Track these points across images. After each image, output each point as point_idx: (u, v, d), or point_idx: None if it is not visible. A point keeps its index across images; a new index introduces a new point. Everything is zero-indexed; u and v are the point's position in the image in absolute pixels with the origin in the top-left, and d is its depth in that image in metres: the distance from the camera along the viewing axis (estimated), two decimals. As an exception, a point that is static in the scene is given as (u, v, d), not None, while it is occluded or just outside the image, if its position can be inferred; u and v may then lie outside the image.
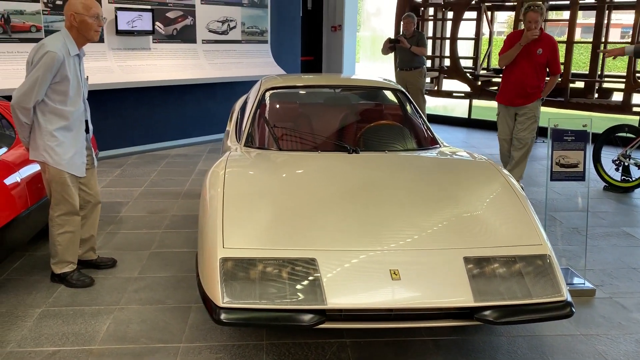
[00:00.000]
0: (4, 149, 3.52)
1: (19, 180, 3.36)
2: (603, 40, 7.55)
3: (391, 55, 7.86)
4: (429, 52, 9.29)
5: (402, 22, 7.75)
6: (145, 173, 6.07)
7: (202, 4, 7.39)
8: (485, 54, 9.04)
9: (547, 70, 5.26)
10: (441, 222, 2.80)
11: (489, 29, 8.88)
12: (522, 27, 5.20)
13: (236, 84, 7.73)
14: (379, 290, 2.42)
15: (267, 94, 4.21)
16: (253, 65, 7.91)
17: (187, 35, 7.31)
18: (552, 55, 5.18)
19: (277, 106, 4.28)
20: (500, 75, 9.07)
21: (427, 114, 8.23)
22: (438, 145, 3.86)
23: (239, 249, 2.52)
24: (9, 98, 3.83)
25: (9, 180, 3.28)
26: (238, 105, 4.99)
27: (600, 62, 7.63)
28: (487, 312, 2.40)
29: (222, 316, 2.32)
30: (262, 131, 3.90)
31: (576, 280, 3.49)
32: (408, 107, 4.29)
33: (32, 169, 3.50)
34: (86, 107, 3.34)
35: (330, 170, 3.31)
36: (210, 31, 7.55)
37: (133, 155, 6.87)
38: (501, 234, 2.73)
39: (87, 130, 3.36)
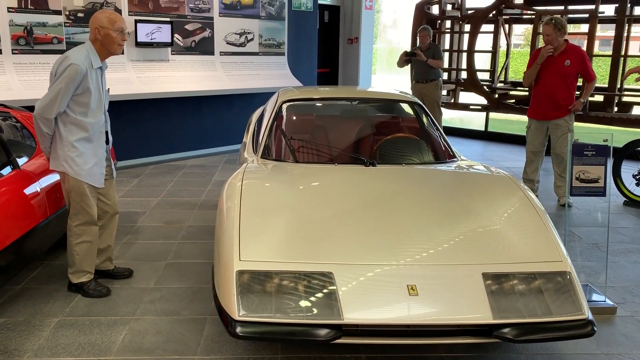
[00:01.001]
0: (25, 159, 3.57)
1: (38, 190, 3.40)
2: (623, 53, 7.46)
3: (408, 68, 7.86)
4: (446, 65, 9.27)
5: (417, 35, 7.72)
6: (162, 183, 6.11)
7: (220, 16, 7.47)
8: (503, 67, 8.99)
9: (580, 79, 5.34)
10: (459, 237, 2.77)
11: (507, 41, 8.84)
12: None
13: (253, 96, 7.78)
14: (396, 305, 2.40)
15: (284, 106, 4.22)
16: (270, 77, 7.96)
17: (205, 47, 7.39)
18: (582, 64, 5.21)
19: (294, 118, 4.30)
20: (518, 88, 9.04)
21: (444, 127, 8.19)
22: (456, 159, 3.83)
23: (255, 261, 2.52)
24: (31, 108, 3.89)
25: (29, 190, 3.32)
26: (255, 116, 5.01)
27: (619, 75, 7.54)
28: (506, 330, 2.37)
29: (238, 329, 2.31)
30: (279, 143, 3.91)
31: (596, 297, 3.43)
32: (425, 120, 4.27)
33: (51, 178, 3.54)
34: (107, 118, 3.37)
35: (347, 183, 3.30)
36: (228, 43, 7.62)
37: (150, 166, 6.92)
38: (520, 250, 2.69)
39: (107, 142, 3.39)
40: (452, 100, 9.20)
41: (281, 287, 2.43)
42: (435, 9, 9.32)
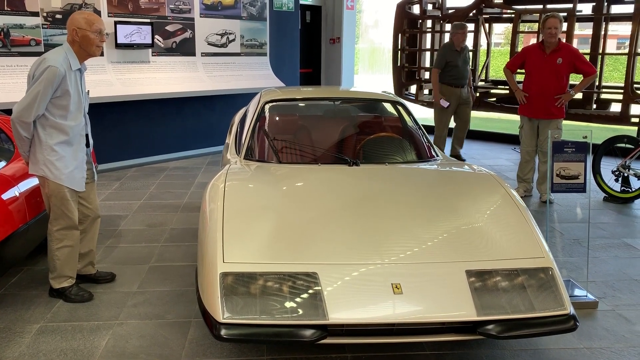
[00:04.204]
0: (3, 163, 3.50)
1: (17, 194, 3.34)
2: (600, 51, 7.58)
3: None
4: (427, 64, 9.34)
5: (453, 33, 6.89)
6: (144, 186, 6.05)
7: (201, 17, 7.42)
8: (483, 66, 9.07)
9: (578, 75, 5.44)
10: (442, 235, 2.79)
11: (487, 40, 8.92)
12: (524, 40, 5.28)
13: (235, 97, 7.74)
14: (380, 304, 2.40)
15: (267, 107, 4.21)
16: (252, 78, 7.93)
17: (186, 48, 7.34)
18: (578, 61, 5.26)
19: (277, 119, 4.29)
20: (499, 86, 9.12)
21: (424, 125, 8.15)
22: (438, 157, 3.86)
23: (239, 263, 2.50)
24: (8, 112, 3.82)
25: (7, 195, 3.26)
26: (237, 117, 4.99)
27: (597, 72, 7.66)
28: (490, 326, 2.38)
29: (223, 332, 2.30)
30: (262, 144, 3.90)
31: (578, 292, 3.47)
32: (407, 119, 4.29)
33: (30, 183, 3.49)
34: (87, 121, 3.33)
35: (331, 182, 3.30)
36: (209, 44, 7.58)
37: (132, 168, 6.85)
38: (503, 247, 2.71)
39: (87, 145, 3.35)
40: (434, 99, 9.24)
41: (266, 289, 2.42)
42: (416, 9, 9.38)
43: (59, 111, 3.10)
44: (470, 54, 8.49)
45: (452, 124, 7.45)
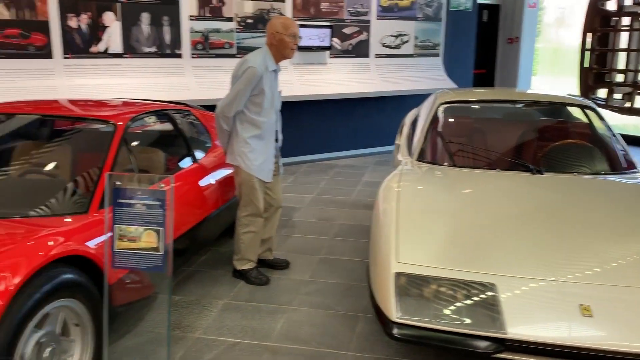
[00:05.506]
0: (202, 154, 3.92)
1: (212, 182, 3.72)
2: None
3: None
4: (622, 65, 8.39)
5: None
6: (316, 181, 6.34)
7: (377, 19, 7.54)
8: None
9: None
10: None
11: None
12: None
13: (406, 98, 7.73)
14: (566, 324, 2.22)
15: (442, 108, 4.13)
16: (423, 79, 7.86)
17: (361, 50, 7.52)
18: None
19: (452, 121, 4.19)
20: None
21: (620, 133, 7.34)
22: (637, 170, 3.45)
23: (413, 265, 2.49)
24: (207, 107, 4.27)
25: (204, 182, 3.65)
26: (408, 118, 4.97)
27: None
28: (700, 366, 2.07)
29: (395, 331, 2.31)
30: (436, 146, 3.84)
31: None
32: (599, 125, 3.90)
33: (222, 173, 3.85)
34: (278, 118, 3.59)
35: (511, 190, 3.13)
36: (383, 45, 7.67)
37: (305, 164, 7.22)
38: None
39: (276, 140, 3.60)
40: (629, 105, 8.28)
41: (439, 294, 2.38)
42: (610, 5, 8.47)
43: (255, 108, 3.39)
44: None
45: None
